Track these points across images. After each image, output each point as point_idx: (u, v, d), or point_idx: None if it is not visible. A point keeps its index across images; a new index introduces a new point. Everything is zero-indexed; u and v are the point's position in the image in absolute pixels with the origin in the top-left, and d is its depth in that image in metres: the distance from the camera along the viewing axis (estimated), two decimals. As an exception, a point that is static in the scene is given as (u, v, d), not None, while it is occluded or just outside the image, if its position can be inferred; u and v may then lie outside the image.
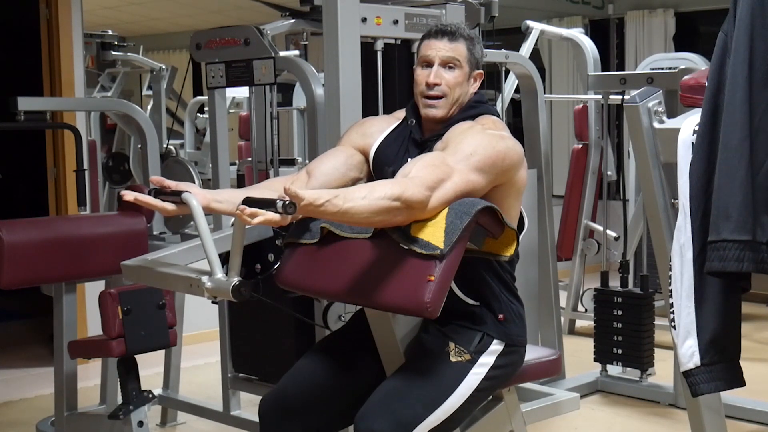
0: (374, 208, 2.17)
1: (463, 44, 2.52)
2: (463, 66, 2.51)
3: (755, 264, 2.06)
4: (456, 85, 2.50)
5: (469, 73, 2.53)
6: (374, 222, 2.23)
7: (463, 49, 2.51)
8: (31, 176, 6.41)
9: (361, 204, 2.16)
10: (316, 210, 2.11)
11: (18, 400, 4.68)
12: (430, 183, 2.24)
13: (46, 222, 3.61)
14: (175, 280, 2.43)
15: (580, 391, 4.18)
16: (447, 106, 2.50)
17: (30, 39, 5.64)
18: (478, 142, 2.36)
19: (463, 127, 2.45)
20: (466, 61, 2.52)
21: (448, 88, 2.49)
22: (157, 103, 6.01)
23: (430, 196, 2.23)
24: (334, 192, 2.16)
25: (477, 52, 2.55)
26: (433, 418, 2.31)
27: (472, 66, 2.53)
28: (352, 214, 2.16)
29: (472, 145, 2.34)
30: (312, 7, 3.45)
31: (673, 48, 7.68)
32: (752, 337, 5.55)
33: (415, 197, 2.20)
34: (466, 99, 2.53)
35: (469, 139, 2.37)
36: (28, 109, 3.76)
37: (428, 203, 2.23)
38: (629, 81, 4.56)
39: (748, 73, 2.06)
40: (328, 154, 2.63)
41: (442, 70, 2.50)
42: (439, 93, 2.49)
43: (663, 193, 2.76)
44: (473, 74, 2.54)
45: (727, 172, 2.08)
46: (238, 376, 3.53)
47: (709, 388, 2.33)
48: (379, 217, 2.20)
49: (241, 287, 2.16)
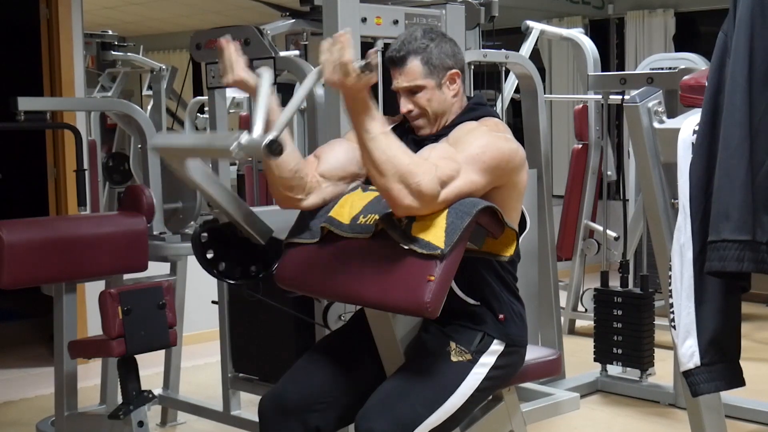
0: (396, 161, 2.19)
1: (415, 61, 2.46)
2: (424, 84, 2.47)
3: (755, 264, 2.06)
4: (426, 103, 2.49)
5: (438, 83, 2.48)
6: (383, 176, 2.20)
7: (417, 68, 2.46)
8: (31, 176, 6.41)
9: (392, 150, 2.20)
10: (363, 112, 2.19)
11: (18, 400, 4.68)
12: (444, 178, 2.24)
13: (46, 222, 3.61)
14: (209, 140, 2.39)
15: (580, 391, 4.18)
16: (431, 122, 2.51)
17: (30, 39, 5.65)
18: (485, 142, 2.36)
19: (469, 127, 2.45)
20: (425, 76, 2.46)
21: (421, 109, 2.50)
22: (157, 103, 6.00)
23: (440, 192, 2.23)
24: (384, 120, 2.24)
25: (436, 58, 2.47)
26: (433, 418, 2.31)
27: (437, 75, 2.47)
28: (377, 147, 2.20)
29: (479, 146, 2.34)
30: (312, 7, 3.45)
31: (673, 48, 7.67)
32: (752, 337, 5.55)
33: (428, 187, 2.20)
34: (450, 103, 2.51)
35: (476, 140, 2.37)
36: (28, 109, 3.76)
37: (437, 199, 2.23)
38: (629, 81, 4.56)
39: (748, 73, 2.06)
40: (336, 142, 2.63)
41: (409, 96, 2.49)
42: (416, 116, 2.51)
43: (663, 193, 2.76)
44: (444, 80, 2.49)
45: (727, 172, 2.08)
46: (238, 376, 3.53)
47: (709, 388, 2.33)
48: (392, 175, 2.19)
49: (273, 144, 2.03)
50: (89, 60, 5.96)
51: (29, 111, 3.78)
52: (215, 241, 2.68)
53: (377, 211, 2.32)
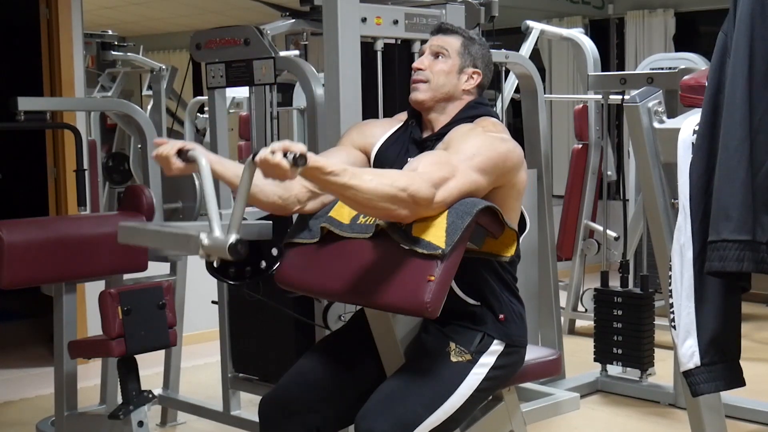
0: (380, 192, 2.16)
1: (458, 39, 2.57)
2: (451, 56, 2.55)
3: (755, 264, 2.06)
4: (440, 72, 2.53)
5: (461, 67, 2.55)
6: (376, 207, 2.19)
7: (456, 42, 2.56)
8: (31, 176, 6.41)
9: (368, 185, 2.15)
10: (323, 176, 2.11)
11: (18, 400, 4.68)
12: (436, 180, 2.24)
13: (46, 222, 3.61)
14: (170, 238, 2.32)
15: (580, 391, 4.18)
16: (429, 91, 2.53)
17: (30, 39, 5.64)
18: (480, 143, 2.36)
19: (464, 129, 2.45)
20: (457, 53, 2.55)
21: (432, 73, 2.53)
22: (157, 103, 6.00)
23: (435, 193, 2.23)
24: (344, 166, 2.17)
25: (474, 51, 2.57)
26: (434, 419, 2.31)
27: (464, 60, 2.56)
28: (356, 191, 2.15)
29: (474, 147, 2.34)
30: (312, 7, 3.45)
31: (673, 48, 7.68)
32: (752, 337, 5.55)
33: (421, 192, 2.20)
34: (455, 92, 2.54)
35: (471, 140, 2.37)
36: (28, 109, 3.75)
37: (433, 200, 2.23)
38: (629, 81, 4.57)
39: (748, 73, 2.06)
40: (331, 151, 2.63)
41: (431, 58, 2.56)
42: (422, 78, 2.54)
43: (663, 193, 2.76)
44: (466, 69, 2.56)
45: (727, 172, 2.08)
46: (238, 376, 3.53)
47: (709, 388, 2.33)
48: (383, 204, 2.18)
49: (238, 245, 1.99)
50: (89, 60, 5.97)
51: (29, 111, 3.78)
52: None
53: (377, 211, 2.32)
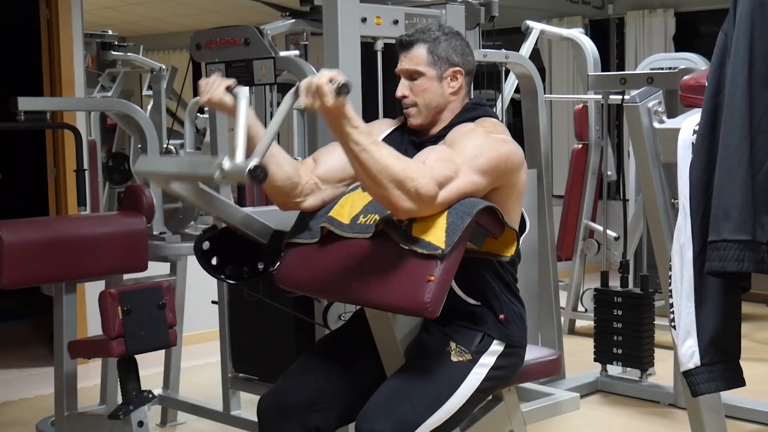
0: (391, 170, 2.17)
1: (422, 48, 2.49)
2: (424, 72, 2.49)
3: (755, 264, 2.06)
4: (422, 92, 2.50)
5: (438, 75, 2.49)
6: (381, 184, 2.19)
7: (422, 54, 2.49)
8: (31, 176, 6.41)
9: (385, 159, 2.18)
10: (349, 127, 2.16)
11: (18, 400, 4.68)
12: (441, 179, 2.24)
13: (46, 222, 3.60)
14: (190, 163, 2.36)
15: (580, 391, 4.18)
16: (421, 113, 2.52)
17: (30, 39, 5.64)
18: (481, 144, 2.36)
19: (466, 129, 2.44)
20: (428, 64, 2.49)
21: (415, 97, 2.50)
22: (157, 103, 6.00)
23: (438, 193, 2.23)
24: (371, 130, 2.20)
25: (442, 50, 2.49)
26: (434, 419, 2.31)
27: (438, 67, 2.49)
28: (371, 157, 2.17)
29: (475, 147, 2.34)
30: (312, 7, 3.45)
31: (673, 48, 7.67)
32: (752, 337, 5.55)
33: (426, 189, 2.19)
34: (447, 100, 2.51)
35: (473, 141, 2.37)
36: (28, 109, 3.75)
37: (435, 199, 2.22)
38: (629, 81, 4.56)
39: (748, 73, 2.06)
40: (334, 144, 2.62)
41: (408, 82, 2.51)
42: (409, 103, 2.52)
43: (663, 193, 2.76)
44: (444, 75, 2.50)
45: (727, 172, 2.08)
46: (238, 376, 3.53)
47: (709, 388, 2.33)
48: (388, 183, 2.18)
49: (257, 170, 2.02)
50: (89, 60, 5.96)
51: (29, 111, 3.78)
52: (218, 247, 2.68)
53: (377, 211, 2.32)
